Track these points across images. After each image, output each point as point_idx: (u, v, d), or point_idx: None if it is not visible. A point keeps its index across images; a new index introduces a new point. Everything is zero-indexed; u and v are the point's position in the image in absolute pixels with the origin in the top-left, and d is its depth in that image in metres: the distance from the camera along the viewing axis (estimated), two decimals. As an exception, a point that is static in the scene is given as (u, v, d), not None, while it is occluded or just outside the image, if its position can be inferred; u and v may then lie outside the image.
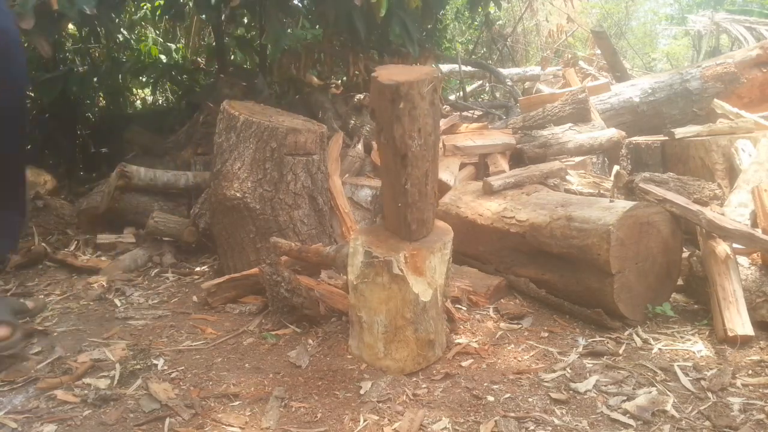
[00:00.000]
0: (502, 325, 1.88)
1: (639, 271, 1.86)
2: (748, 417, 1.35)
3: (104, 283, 2.30)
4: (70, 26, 3.98)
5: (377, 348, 1.54)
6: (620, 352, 1.68)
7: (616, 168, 2.61)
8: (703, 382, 1.50)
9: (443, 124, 3.28)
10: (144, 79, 4.93)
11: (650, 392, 1.45)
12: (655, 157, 2.97)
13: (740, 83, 3.62)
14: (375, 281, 1.50)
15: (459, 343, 1.73)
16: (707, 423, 1.33)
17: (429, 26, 5.05)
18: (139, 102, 5.84)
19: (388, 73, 1.43)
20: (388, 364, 1.54)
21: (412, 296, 1.51)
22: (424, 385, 1.50)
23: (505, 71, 6.21)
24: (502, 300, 2.07)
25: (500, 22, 9.28)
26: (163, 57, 4.96)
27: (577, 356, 1.66)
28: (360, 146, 3.11)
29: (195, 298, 2.13)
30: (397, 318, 1.52)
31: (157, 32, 5.65)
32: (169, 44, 5.27)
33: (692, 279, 2.02)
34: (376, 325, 1.53)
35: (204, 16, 4.47)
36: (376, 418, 1.34)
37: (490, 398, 1.44)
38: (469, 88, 6.69)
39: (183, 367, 1.60)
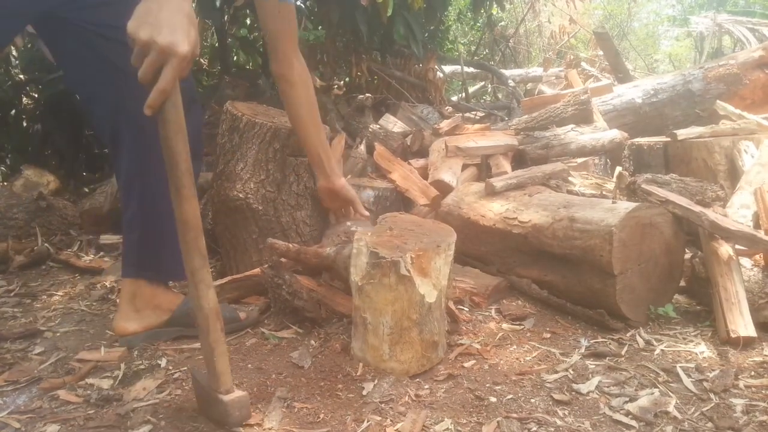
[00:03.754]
0: (504, 326, 1.88)
1: (641, 273, 1.86)
2: (751, 418, 1.35)
3: (107, 284, 2.31)
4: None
5: (382, 350, 1.54)
6: (622, 353, 1.68)
7: (618, 169, 2.61)
8: (705, 384, 1.50)
9: (446, 125, 3.28)
10: (147, 80, 4.92)
11: (653, 393, 1.45)
12: (657, 158, 2.97)
13: (743, 84, 3.62)
14: (381, 282, 1.50)
15: (461, 344, 1.73)
16: (710, 424, 1.33)
17: (432, 27, 5.07)
18: (141, 103, 5.85)
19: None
20: (392, 366, 1.54)
21: (418, 297, 1.51)
22: (426, 386, 1.50)
23: (507, 72, 6.22)
24: (504, 301, 2.07)
25: (503, 23, 9.29)
26: (165, 58, 4.96)
27: (579, 357, 1.66)
28: (362, 147, 3.11)
29: (198, 299, 2.13)
30: (403, 319, 1.52)
31: (160, 33, 5.66)
32: (171, 45, 5.27)
33: (695, 280, 2.02)
34: (381, 327, 1.53)
35: (209, 21, 4.49)
36: (379, 418, 1.34)
37: (493, 399, 1.44)
38: (471, 90, 6.70)
39: (186, 368, 1.60)
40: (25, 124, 4.43)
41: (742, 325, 1.69)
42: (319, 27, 4.93)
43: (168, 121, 1.18)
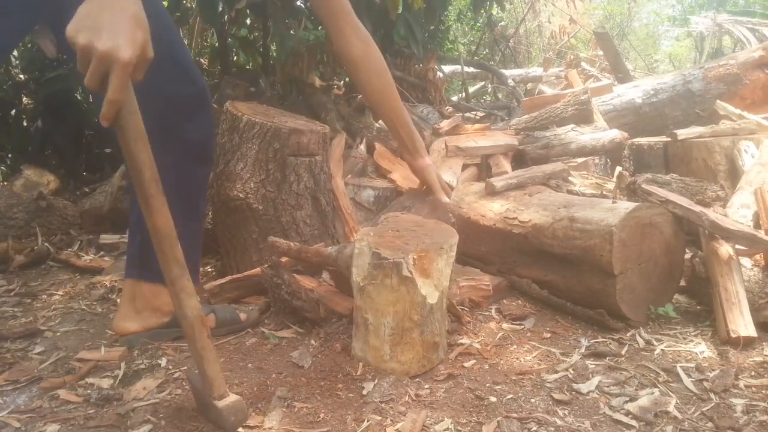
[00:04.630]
0: (505, 326, 1.88)
1: (641, 272, 1.86)
2: (751, 418, 1.35)
3: (107, 283, 2.31)
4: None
5: (383, 350, 1.54)
6: (623, 353, 1.68)
7: (618, 169, 2.61)
8: (705, 384, 1.50)
9: (446, 125, 3.28)
10: (147, 80, 4.92)
11: (653, 393, 1.45)
12: (657, 158, 2.97)
13: (743, 84, 3.62)
14: (383, 283, 1.50)
15: (461, 344, 1.73)
16: (710, 424, 1.33)
17: (432, 27, 5.07)
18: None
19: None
20: (393, 367, 1.54)
21: (419, 298, 1.51)
22: (426, 386, 1.50)
23: (507, 72, 6.22)
24: (504, 301, 2.07)
25: (503, 23, 9.30)
26: (165, 58, 4.95)
27: (579, 357, 1.66)
28: (362, 147, 3.11)
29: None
30: (404, 320, 1.52)
31: (160, 33, 5.65)
32: (172, 45, 5.26)
33: (695, 280, 2.02)
34: (383, 327, 1.53)
35: (209, 23, 4.49)
36: (379, 418, 1.34)
37: (493, 399, 1.44)
38: (471, 90, 6.70)
39: (186, 367, 1.60)
40: (25, 123, 4.43)
41: (743, 325, 1.69)
42: (319, 27, 4.93)
43: (125, 129, 1.11)
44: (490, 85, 7.04)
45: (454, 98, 5.73)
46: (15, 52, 4.32)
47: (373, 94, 2.05)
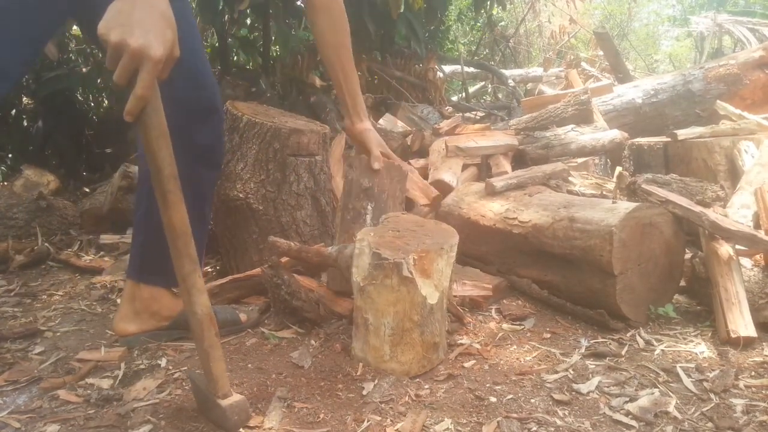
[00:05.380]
0: (505, 326, 1.88)
1: (641, 272, 1.86)
2: (751, 419, 1.35)
3: (107, 284, 2.31)
4: (74, 27, 4.00)
5: (383, 351, 1.54)
6: (623, 353, 1.68)
7: (618, 169, 2.62)
8: (705, 384, 1.50)
9: (446, 125, 3.28)
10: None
11: (653, 393, 1.45)
12: (657, 158, 2.97)
13: (743, 85, 3.62)
14: (384, 283, 1.50)
15: (461, 344, 1.73)
16: (710, 424, 1.33)
17: (432, 27, 5.08)
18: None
19: None
20: (393, 367, 1.54)
21: (420, 299, 1.51)
22: (426, 386, 1.50)
23: (507, 72, 6.22)
24: (504, 301, 2.07)
25: (503, 23, 9.30)
26: (166, 58, 4.96)
27: (579, 357, 1.66)
28: (362, 147, 3.11)
29: (198, 299, 2.13)
30: (404, 320, 1.52)
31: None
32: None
33: (695, 280, 2.02)
34: (383, 328, 1.53)
35: (209, 23, 4.50)
36: (379, 418, 1.34)
37: (493, 399, 1.44)
38: (471, 90, 6.70)
39: (186, 368, 1.60)
40: (25, 123, 4.43)
41: (743, 325, 1.69)
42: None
43: (149, 127, 1.13)
44: (490, 85, 7.05)
45: (454, 98, 5.74)
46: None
47: (326, 48, 1.94)
